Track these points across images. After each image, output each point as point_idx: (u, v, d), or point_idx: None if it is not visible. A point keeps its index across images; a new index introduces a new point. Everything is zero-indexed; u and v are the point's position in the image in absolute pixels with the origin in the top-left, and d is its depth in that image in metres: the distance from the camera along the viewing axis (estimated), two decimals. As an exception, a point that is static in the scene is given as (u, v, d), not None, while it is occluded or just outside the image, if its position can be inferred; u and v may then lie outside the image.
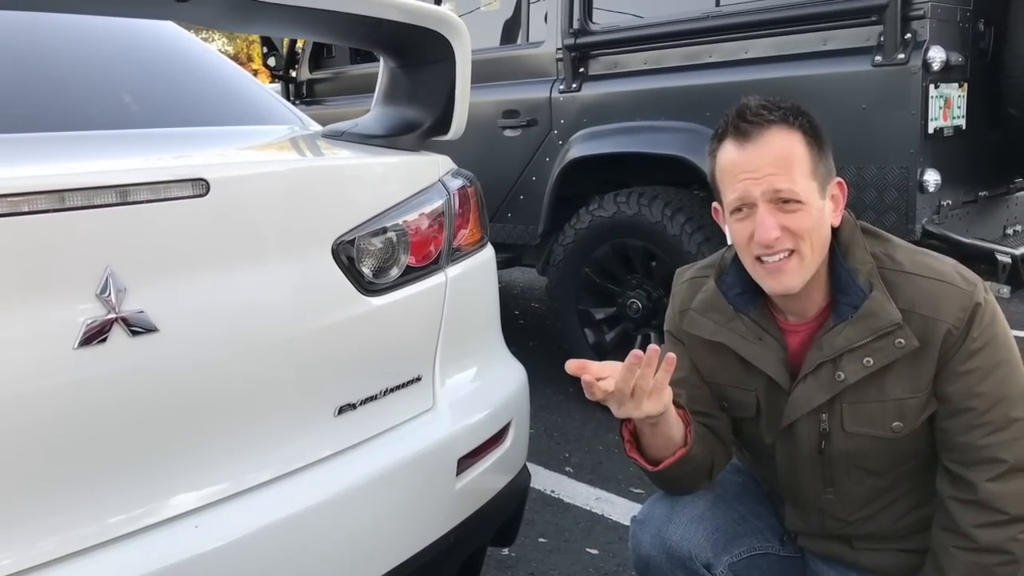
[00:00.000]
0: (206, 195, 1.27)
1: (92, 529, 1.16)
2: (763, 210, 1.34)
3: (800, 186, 1.33)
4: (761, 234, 1.34)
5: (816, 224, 1.36)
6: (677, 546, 1.51)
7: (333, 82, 4.95)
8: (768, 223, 1.34)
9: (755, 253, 1.38)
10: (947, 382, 1.36)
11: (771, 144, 1.34)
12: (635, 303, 3.54)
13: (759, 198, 1.34)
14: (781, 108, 1.37)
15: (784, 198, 1.33)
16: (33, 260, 1.11)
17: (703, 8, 3.32)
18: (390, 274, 1.57)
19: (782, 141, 1.34)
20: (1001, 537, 1.34)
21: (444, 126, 1.72)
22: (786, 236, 1.34)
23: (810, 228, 1.35)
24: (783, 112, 1.36)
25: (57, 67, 1.73)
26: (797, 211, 1.34)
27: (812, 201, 1.35)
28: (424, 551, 1.56)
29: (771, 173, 1.33)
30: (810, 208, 1.34)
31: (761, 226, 1.34)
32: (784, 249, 1.35)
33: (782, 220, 1.34)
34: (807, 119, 1.38)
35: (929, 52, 2.74)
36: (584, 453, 3.30)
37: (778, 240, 1.34)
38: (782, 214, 1.34)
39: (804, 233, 1.34)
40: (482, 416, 1.72)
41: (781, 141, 1.34)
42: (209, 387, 1.29)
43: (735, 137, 1.37)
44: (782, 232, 1.34)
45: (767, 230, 1.34)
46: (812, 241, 1.36)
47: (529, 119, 3.81)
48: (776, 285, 1.39)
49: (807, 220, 1.34)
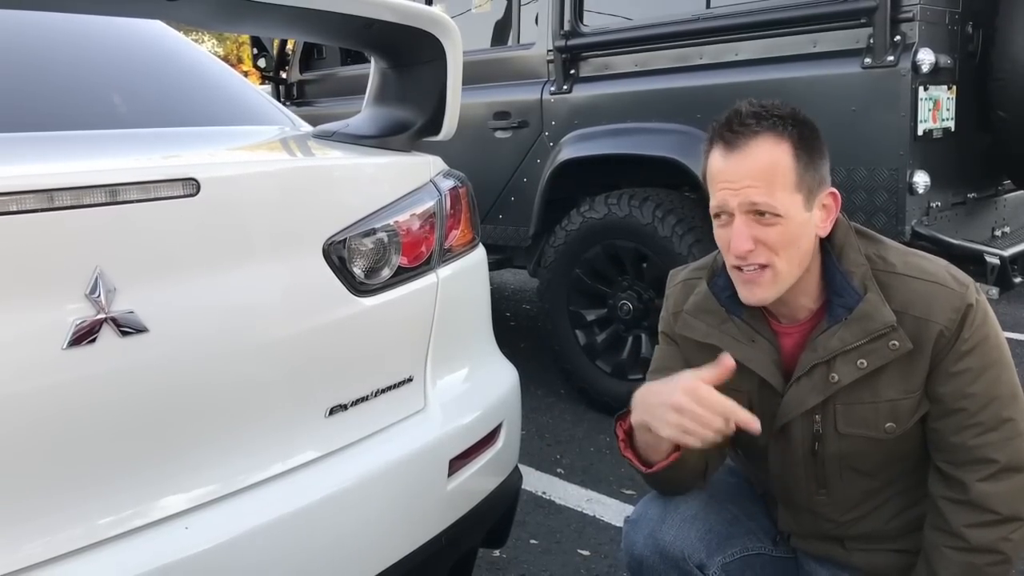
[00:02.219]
0: (196, 195, 1.26)
1: (80, 531, 1.15)
2: (739, 221, 1.34)
3: (779, 200, 1.32)
4: (735, 245, 1.35)
5: (794, 239, 1.34)
6: (670, 547, 1.51)
7: (323, 83, 4.94)
8: (742, 234, 1.33)
9: (731, 262, 1.39)
10: (939, 383, 1.37)
11: (753, 156, 1.33)
12: (626, 304, 3.54)
13: (736, 208, 1.34)
14: (773, 116, 1.34)
15: (761, 211, 1.33)
16: (22, 260, 1.10)
17: (693, 10, 3.33)
18: (381, 275, 1.56)
19: (766, 153, 1.33)
20: (992, 537, 1.35)
21: (435, 127, 1.72)
22: (760, 249, 1.34)
23: (787, 243, 1.34)
24: (774, 120, 1.34)
25: (46, 67, 1.72)
26: (774, 224, 1.33)
27: (793, 215, 1.33)
28: (415, 552, 1.56)
29: (749, 185, 1.32)
30: (789, 222, 1.33)
31: (736, 237, 1.34)
32: (757, 263, 1.35)
33: (757, 232, 1.33)
34: (800, 128, 1.35)
35: (918, 54, 2.75)
36: (575, 454, 3.29)
37: (751, 253, 1.34)
38: (758, 226, 1.33)
39: (779, 248, 1.34)
40: (474, 417, 1.72)
41: (765, 153, 1.33)
42: (199, 388, 1.28)
43: (721, 144, 1.36)
44: (756, 245, 1.33)
45: (740, 242, 1.34)
46: (789, 255, 1.35)
47: (520, 121, 3.81)
48: (748, 295, 1.39)
49: (784, 235, 1.33)
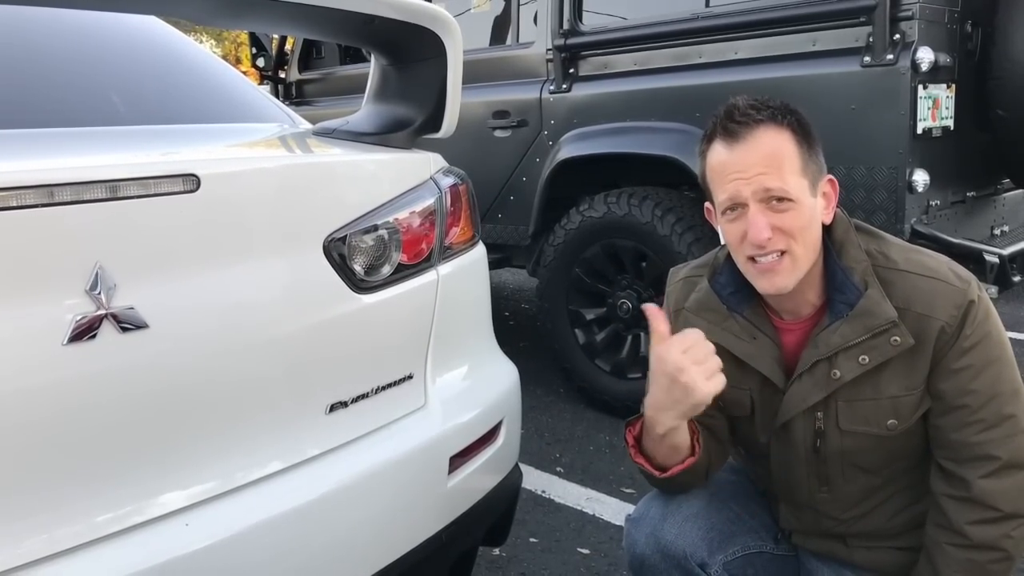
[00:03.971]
0: (196, 191, 1.26)
1: (81, 528, 1.14)
2: (754, 210, 1.34)
3: (791, 184, 1.33)
4: (753, 234, 1.34)
5: (808, 223, 1.36)
6: (672, 545, 1.51)
7: (322, 83, 4.94)
8: (760, 223, 1.33)
9: (747, 253, 1.38)
10: (940, 379, 1.36)
11: (760, 143, 1.34)
12: (625, 303, 3.54)
13: (750, 198, 1.34)
14: (769, 107, 1.36)
15: (775, 196, 1.33)
16: (22, 255, 1.09)
17: (693, 9, 3.33)
18: (382, 272, 1.56)
19: (771, 140, 1.34)
20: (994, 534, 1.34)
21: (435, 124, 1.71)
22: (778, 236, 1.34)
23: (802, 227, 1.34)
24: (771, 111, 1.36)
25: (45, 64, 1.72)
26: (789, 210, 1.33)
27: (803, 199, 1.34)
28: (415, 550, 1.55)
29: (761, 172, 1.33)
30: (801, 206, 1.34)
31: (753, 226, 1.34)
32: (776, 249, 1.35)
33: (773, 220, 1.33)
34: (795, 117, 1.37)
35: (917, 53, 2.75)
36: (575, 453, 3.29)
37: (770, 240, 1.34)
38: (773, 214, 1.34)
39: (796, 232, 1.34)
40: (474, 415, 1.72)
41: (770, 140, 1.34)
42: (199, 384, 1.28)
43: (724, 138, 1.37)
44: (774, 232, 1.33)
45: (759, 230, 1.33)
46: (804, 240, 1.35)
47: (519, 120, 3.80)
48: (768, 285, 1.38)
49: (799, 219, 1.34)
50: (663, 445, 1.42)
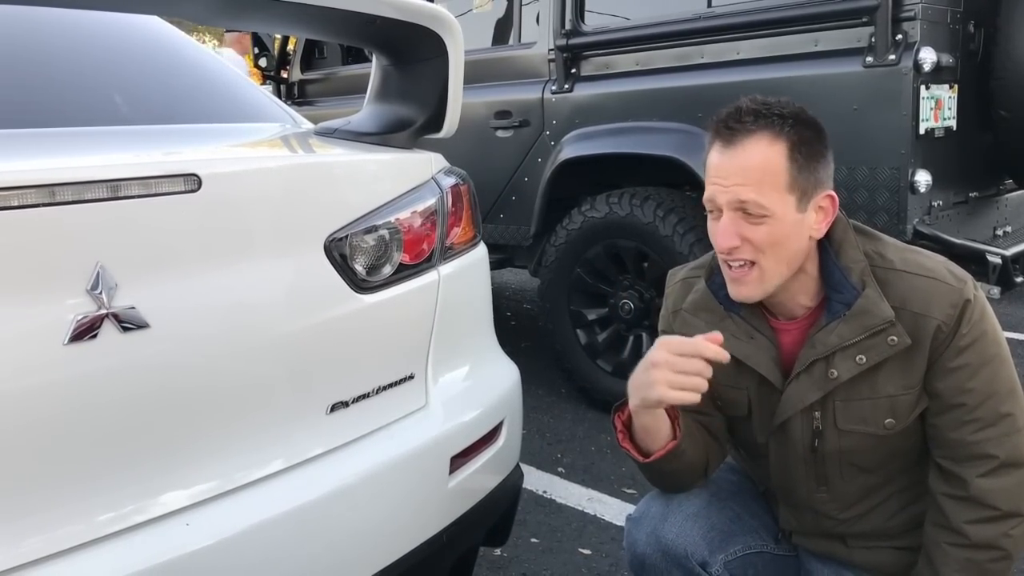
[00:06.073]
0: (198, 190, 1.26)
1: (81, 527, 1.15)
2: (725, 217, 1.35)
3: (768, 199, 1.31)
4: (719, 240, 1.36)
5: (782, 239, 1.34)
6: (673, 544, 1.51)
7: (324, 83, 4.94)
8: (728, 231, 1.34)
9: (719, 256, 1.40)
10: (937, 378, 1.36)
11: (746, 154, 1.33)
12: (627, 304, 3.54)
13: (724, 205, 1.35)
14: (773, 115, 1.34)
15: (747, 209, 1.33)
16: (23, 255, 1.10)
17: (694, 9, 3.33)
18: (383, 272, 1.56)
19: (759, 152, 1.32)
20: (993, 533, 1.35)
21: (437, 124, 1.72)
22: (745, 247, 1.34)
23: (774, 243, 1.33)
24: (773, 120, 1.33)
25: (47, 63, 1.72)
26: (762, 224, 1.33)
27: (783, 215, 1.33)
28: (416, 550, 1.55)
29: (739, 183, 1.32)
30: (779, 222, 1.33)
31: (720, 233, 1.36)
32: (743, 259, 1.35)
33: (743, 230, 1.33)
34: (801, 129, 1.34)
35: (920, 53, 2.75)
36: (576, 453, 3.29)
37: (736, 249, 1.34)
38: (745, 224, 1.33)
39: (766, 247, 1.34)
40: (475, 415, 1.72)
41: (758, 152, 1.32)
42: (200, 384, 1.28)
43: (718, 139, 1.37)
44: (741, 242, 1.34)
45: (724, 238, 1.35)
46: (776, 255, 1.35)
47: (521, 120, 3.81)
48: (734, 292, 1.41)
49: (772, 234, 1.33)
50: (649, 420, 1.42)
